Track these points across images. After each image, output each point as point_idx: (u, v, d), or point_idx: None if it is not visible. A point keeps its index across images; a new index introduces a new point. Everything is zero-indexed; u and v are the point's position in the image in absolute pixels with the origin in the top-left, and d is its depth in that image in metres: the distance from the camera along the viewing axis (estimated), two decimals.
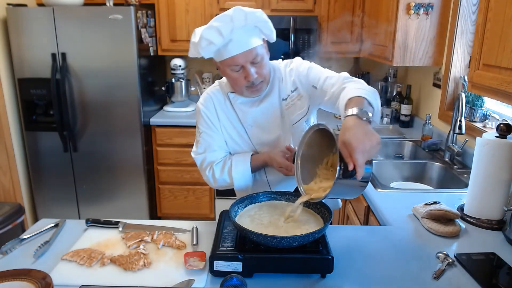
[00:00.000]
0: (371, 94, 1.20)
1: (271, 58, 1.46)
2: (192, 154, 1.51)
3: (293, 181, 1.35)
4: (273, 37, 1.38)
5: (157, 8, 3.16)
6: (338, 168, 1.03)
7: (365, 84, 1.27)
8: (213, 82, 3.67)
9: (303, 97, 1.43)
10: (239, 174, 1.44)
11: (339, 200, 1.76)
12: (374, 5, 2.93)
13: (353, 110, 1.07)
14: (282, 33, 3.12)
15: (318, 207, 1.26)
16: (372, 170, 1.09)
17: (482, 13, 1.38)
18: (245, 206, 1.29)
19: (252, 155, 1.46)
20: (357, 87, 1.21)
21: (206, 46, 1.27)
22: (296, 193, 1.33)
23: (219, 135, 1.47)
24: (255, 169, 1.46)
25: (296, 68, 1.44)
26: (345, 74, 1.35)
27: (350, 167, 1.00)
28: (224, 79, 1.47)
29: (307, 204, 1.28)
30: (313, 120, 1.53)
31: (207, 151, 1.47)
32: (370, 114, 1.07)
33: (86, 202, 3.14)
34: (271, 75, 1.44)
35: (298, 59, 1.48)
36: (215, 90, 1.48)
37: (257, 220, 1.22)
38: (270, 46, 1.43)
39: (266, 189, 1.51)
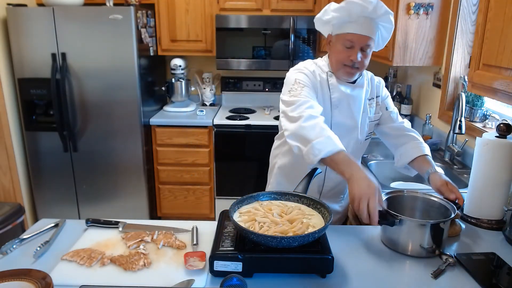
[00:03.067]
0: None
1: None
2: (282, 97, 1.45)
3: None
4: (383, 45, 1.56)
5: (157, 8, 3.16)
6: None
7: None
8: (213, 82, 3.70)
9: (380, 106, 1.66)
10: (327, 140, 1.29)
11: None
12: None
13: (438, 168, 1.53)
14: (282, 33, 3.13)
15: (318, 207, 1.26)
16: None
17: (482, 13, 1.38)
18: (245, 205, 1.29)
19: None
20: (425, 145, 1.62)
21: (339, 15, 1.43)
22: (296, 193, 1.33)
23: (314, 95, 1.48)
24: (332, 160, 1.28)
25: (382, 86, 1.69)
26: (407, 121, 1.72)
27: (458, 199, 1.39)
28: (318, 60, 1.60)
29: (308, 203, 1.29)
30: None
31: (303, 96, 1.41)
32: None
33: (86, 202, 3.14)
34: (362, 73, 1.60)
35: (382, 80, 1.72)
36: (313, 65, 1.57)
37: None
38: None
39: (319, 185, 1.66)
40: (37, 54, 2.82)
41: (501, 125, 1.40)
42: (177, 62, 3.31)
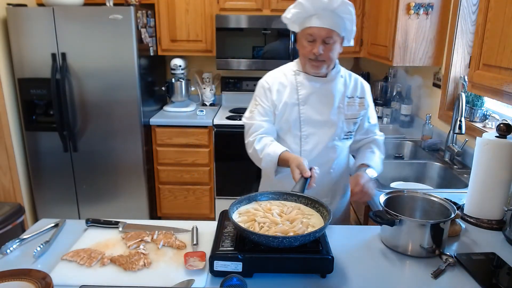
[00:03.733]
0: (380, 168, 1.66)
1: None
2: (243, 119, 1.68)
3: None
4: (350, 38, 1.58)
5: (157, 8, 3.16)
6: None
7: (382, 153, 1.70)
8: (213, 82, 3.70)
9: (363, 107, 1.66)
10: (268, 156, 1.53)
11: None
12: (374, 5, 2.93)
13: (370, 172, 1.58)
14: (282, 33, 3.12)
15: (317, 206, 1.26)
16: None
17: (482, 13, 1.38)
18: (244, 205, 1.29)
19: (286, 151, 1.54)
20: (379, 162, 1.66)
21: (297, 11, 1.49)
22: (294, 192, 1.33)
23: (271, 111, 1.62)
24: (281, 161, 1.51)
25: (368, 89, 1.69)
26: (382, 135, 1.76)
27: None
28: (291, 63, 1.67)
29: (306, 203, 1.29)
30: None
31: (257, 120, 1.61)
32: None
33: (86, 202, 3.14)
34: (334, 67, 1.61)
35: (366, 82, 1.71)
36: (282, 68, 1.67)
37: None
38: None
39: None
40: (37, 54, 2.81)
41: (501, 125, 1.40)
42: (177, 62, 3.31)
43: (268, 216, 1.20)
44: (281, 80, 1.62)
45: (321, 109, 1.59)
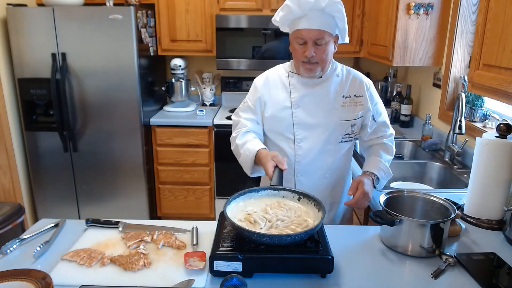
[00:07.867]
0: (387, 174, 1.61)
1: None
2: (232, 115, 1.72)
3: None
4: (344, 36, 1.54)
5: (157, 8, 3.16)
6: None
7: (392, 153, 1.66)
8: (213, 83, 3.70)
9: (362, 106, 1.58)
10: (247, 151, 1.52)
11: None
12: (374, 5, 2.93)
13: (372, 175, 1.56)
14: (282, 33, 3.12)
15: (314, 204, 1.25)
16: None
17: (482, 13, 1.38)
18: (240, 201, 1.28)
19: (264, 148, 1.53)
20: (385, 167, 1.60)
21: (284, 14, 1.45)
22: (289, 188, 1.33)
23: (258, 111, 1.62)
24: (258, 158, 1.49)
25: (370, 85, 1.62)
26: (392, 132, 1.70)
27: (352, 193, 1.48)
28: (287, 63, 1.64)
29: (304, 196, 1.29)
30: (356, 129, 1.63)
31: (243, 117, 1.64)
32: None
33: (86, 202, 3.14)
34: (329, 67, 1.56)
35: (368, 79, 1.65)
36: (277, 68, 1.64)
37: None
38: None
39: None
40: (37, 54, 2.81)
41: (501, 125, 1.40)
42: (177, 62, 3.31)
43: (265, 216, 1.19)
44: (274, 80, 1.60)
45: (314, 112, 1.54)
